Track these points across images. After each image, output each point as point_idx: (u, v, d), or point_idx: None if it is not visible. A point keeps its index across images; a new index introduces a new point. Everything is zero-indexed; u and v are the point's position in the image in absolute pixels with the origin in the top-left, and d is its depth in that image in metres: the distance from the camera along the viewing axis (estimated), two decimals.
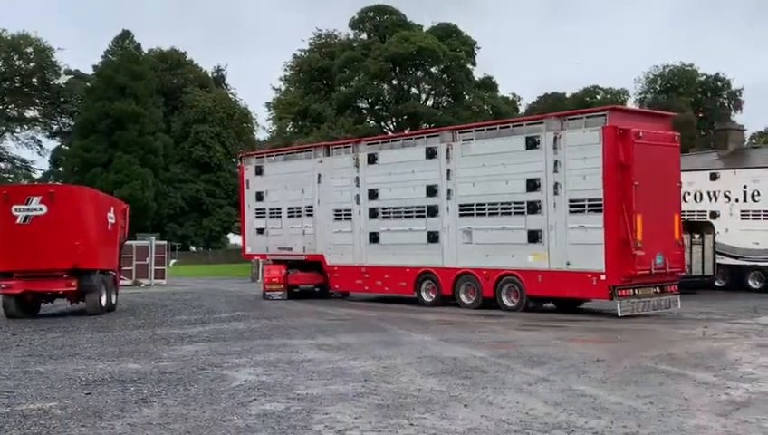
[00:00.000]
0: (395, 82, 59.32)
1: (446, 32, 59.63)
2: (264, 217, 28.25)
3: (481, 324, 18.31)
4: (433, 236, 23.09)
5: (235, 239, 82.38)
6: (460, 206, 22.39)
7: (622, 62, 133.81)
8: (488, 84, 62.18)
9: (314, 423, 8.57)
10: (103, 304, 22.42)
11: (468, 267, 22.24)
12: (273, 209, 27.99)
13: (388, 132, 55.16)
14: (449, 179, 22.67)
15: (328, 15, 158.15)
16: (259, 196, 28.41)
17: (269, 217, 28.10)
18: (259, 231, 28.44)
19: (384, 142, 26.10)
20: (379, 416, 8.87)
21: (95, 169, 68.09)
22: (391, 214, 24.25)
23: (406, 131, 49.22)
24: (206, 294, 31.76)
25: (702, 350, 14.07)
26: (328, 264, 26.31)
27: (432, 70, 58.75)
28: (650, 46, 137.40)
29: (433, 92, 61.24)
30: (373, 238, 24.77)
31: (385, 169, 24.46)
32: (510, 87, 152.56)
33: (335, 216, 25.94)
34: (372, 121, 59.51)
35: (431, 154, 23.14)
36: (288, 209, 27.44)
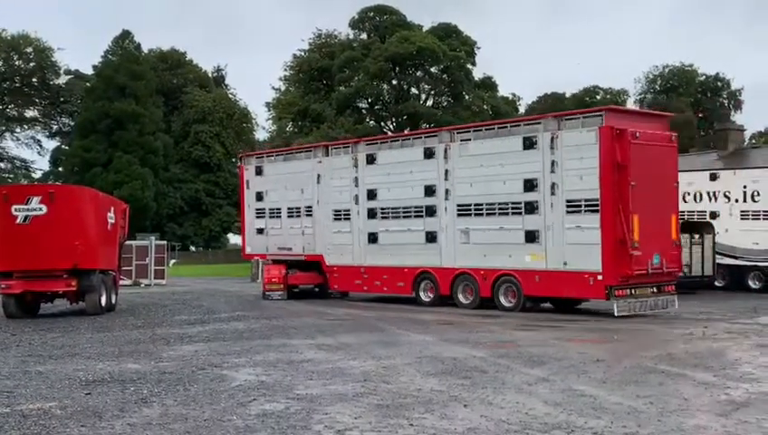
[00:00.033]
0: (395, 82, 59.31)
1: (445, 32, 59.62)
2: (264, 217, 28.27)
3: (480, 324, 18.31)
4: (431, 237, 23.09)
5: (235, 239, 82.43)
6: (458, 206, 22.39)
7: (622, 62, 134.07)
8: (488, 84, 62.18)
9: (314, 423, 8.57)
10: (103, 304, 22.43)
11: (466, 267, 22.25)
12: (272, 209, 28.02)
13: (388, 132, 55.14)
14: (447, 180, 22.67)
15: (328, 15, 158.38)
16: (259, 196, 28.43)
17: (269, 218, 28.13)
18: (259, 231, 28.47)
19: (383, 142, 26.10)
20: (378, 416, 8.86)
21: (95, 168, 68.11)
22: (390, 214, 24.25)
23: (406, 132, 49.19)
24: (205, 294, 31.76)
25: (702, 350, 14.07)
26: (327, 264, 26.31)
27: (432, 70, 58.74)
28: (650, 46, 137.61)
29: (433, 92, 61.23)
30: (372, 239, 24.77)
31: (383, 169, 24.47)
32: (510, 87, 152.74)
33: (334, 216, 25.95)
34: (372, 122, 59.50)
35: (429, 154, 23.15)
36: (288, 209, 27.46)
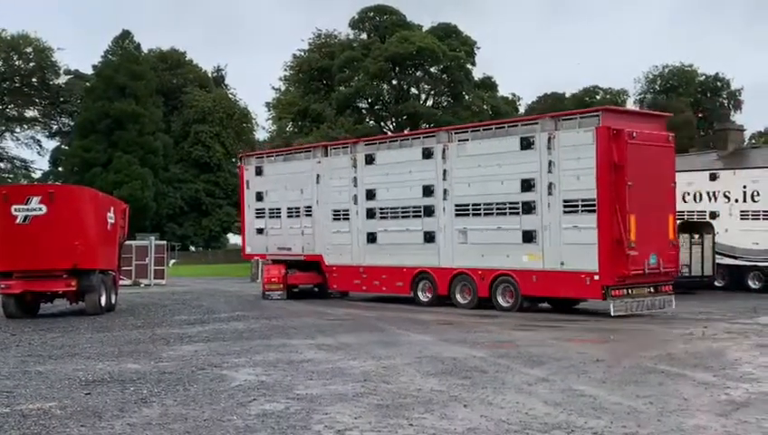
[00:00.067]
0: (395, 82, 59.30)
1: (445, 32, 59.61)
2: (264, 217, 28.28)
3: (479, 324, 18.31)
4: (429, 237, 23.11)
5: (235, 239, 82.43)
6: (456, 206, 22.41)
7: (622, 62, 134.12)
8: (488, 84, 62.16)
9: (314, 423, 8.57)
10: (103, 304, 22.41)
11: (464, 267, 22.26)
12: (272, 209, 28.03)
13: (388, 132, 55.13)
14: (445, 180, 22.69)
15: (328, 15, 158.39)
16: (259, 196, 28.45)
17: (268, 218, 28.14)
18: (259, 231, 28.48)
19: (381, 143, 26.11)
20: (378, 416, 8.86)
21: (95, 168, 68.10)
22: (388, 214, 24.27)
23: (406, 132, 49.19)
24: (205, 294, 31.76)
25: (701, 350, 14.07)
26: (326, 264, 26.32)
27: (432, 70, 58.72)
28: (650, 46, 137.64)
29: (433, 92, 61.21)
30: (371, 238, 24.79)
31: (382, 169, 24.49)
32: (510, 87, 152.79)
33: (333, 216, 25.97)
34: (372, 121, 59.49)
35: (428, 154, 23.16)
36: (287, 209, 27.47)
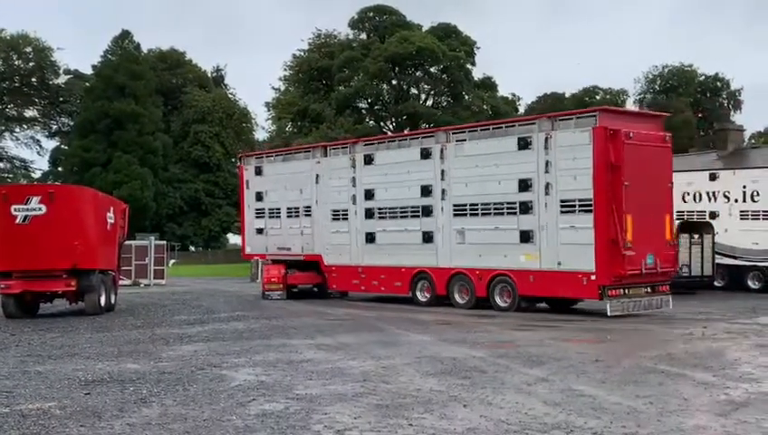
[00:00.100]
0: (394, 82, 59.31)
1: (445, 32, 59.62)
2: (264, 217, 28.29)
3: (478, 324, 18.31)
4: (428, 237, 23.13)
5: (235, 239, 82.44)
6: (454, 206, 22.42)
7: (622, 62, 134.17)
8: (488, 84, 62.17)
9: (313, 423, 8.57)
10: (102, 304, 22.40)
11: (462, 267, 22.26)
12: (272, 209, 28.04)
13: (388, 132, 55.14)
14: (443, 180, 22.70)
15: (328, 15, 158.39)
16: (258, 196, 28.45)
17: (268, 218, 28.15)
18: (258, 231, 28.49)
19: (380, 143, 26.11)
20: (378, 416, 8.86)
21: (94, 168, 68.10)
22: (387, 214, 24.29)
23: (406, 132, 49.20)
24: (205, 294, 31.76)
25: (701, 350, 14.07)
26: (325, 264, 26.33)
27: (431, 70, 58.74)
28: (650, 46, 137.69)
29: (432, 92, 61.23)
30: (369, 238, 24.81)
31: (381, 169, 24.51)
32: (510, 87, 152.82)
33: (332, 216, 25.98)
34: (372, 122, 59.51)
35: (426, 155, 23.18)
36: (287, 209, 27.48)
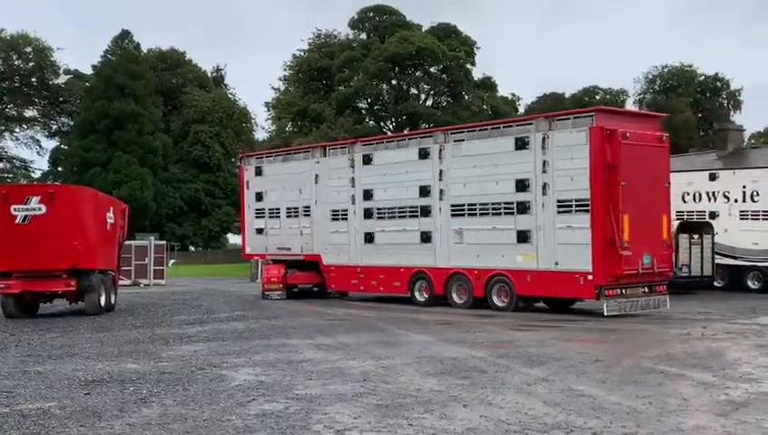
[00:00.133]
0: (394, 82, 59.32)
1: (445, 32, 59.63)
2: (264, 217, 28.31)
3: (478, 324, 18.31)
4: (426, 237, 23.15)
5: (234, 239, 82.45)
6: (452, 206, 22.45)
7: (622, 62, 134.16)
8: (487, 84, 62.18)
9: (313, 423, 8.56)
10: (102, 304, 22.39)
11: (460, 267, 22.29)
12: (272, 210, 28.06)
13: (388, 132, 55.16)
14: (441, 180, 22.72)
15: (328, 15, 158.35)
16: (258, 196, 28.48)
17: (268, 218, 28.17)
18: (258, 231, 28.52)
19: (379, 143, 26.12)
20: (378, 416, 8.86)
21: (94, 168, 68.10)
22: (386, 214, 24.32)
23: (405, 132, 49.20)
24: (205, 294, 31.76)
25: (701, 350, 14.07)
26: (325, 264, 26.35)
27: (431, 70, 58.75)
28: (650, 46, 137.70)
29: (432, 92, 61.23)
30: (368, 238, 24.85)
31: (380, 169, 24.54)
32: (510, 87, 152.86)
33: (332, 216, 26.01)
34: (371, 122, 59.52)
35: (424, 155, 23.20)
36: (286, 210, 27.50)
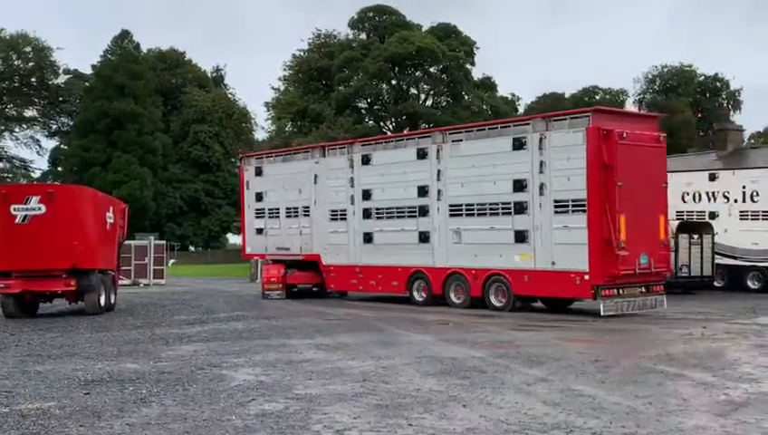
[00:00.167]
0: (394, 82, 59.29)
1: (445, 32, 59.59)
2: (264, 217, 28.34)
3: (477, 324, 18.32)
4: (424, 237, 23.19)
5: (234, 239, 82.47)
6: (450, 206, 22.48)
7: (622, 62, 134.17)
8: (487, 84, 62.14)
9: (313, 423, 8.56)
10: (102, 304, 22.40)
11: (458, 267, 22.31)
12: (271, 210, 28.09)
13: (388, 132, 55.14)
14: (439, 180, 22.75)
15: (328, 15, 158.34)
16: (258, 196, 28.51)
17: (268, 218, 28.20)
18: (258, 231, 28.55)
19: (377, 143, 26.16)
20: (377, 416, 8.86)
21: (94, 168, 68.08)
22: (384, 214, 24.35)
23: (405, 132, 49.20)
24: (204, 293, 31.76)
25: (700, 350, 14.07)
26: (324, 263, 26.38)
27: (431, 70, 58.70)
28: (650, 46, 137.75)
29: (432, 92, 61.19)
30: (367, 238, 24.88)
31: (378, 169, 24.57)
32: (510, 87, 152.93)
33: (331, 216, 26.04)
34: (371, 122, 59.49)
35: (422, 155, 23.23)
36: (286, 210, 27.53)
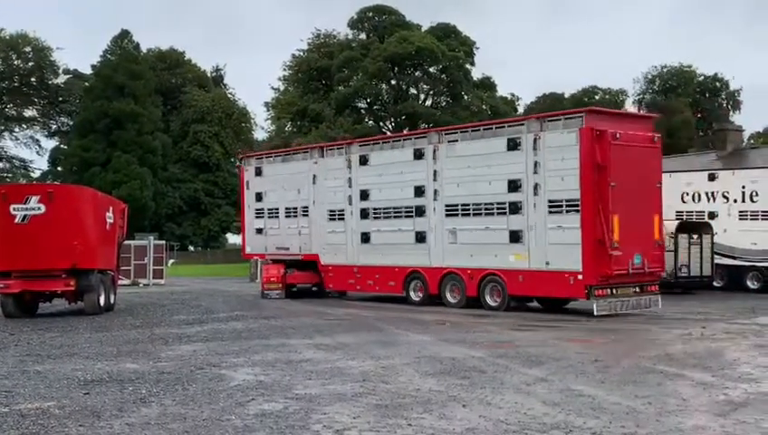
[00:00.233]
0: (393, 82, 59.33)
1: (444, 32, 59.63)
2: (263, 217, 28.39)
3: (477, 324, 18.32)
4: (420, 237, 23.24)
5: (234, 239, 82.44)
6: (446, 206, 22.53)
7: (622, 62, 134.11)
8: (487, 84, 62.19)
9: (312, 423, 8.56)
10: (102, 304, 22.38)
11: (453, 267, 22.36)
12: (271, 210, 28.14)
13: (387, 132, 55.17)
14: (436, 180, 22.80)
15: (327, 15, 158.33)
16: (258, 196, 28.56)
17: (267, 218, 28.26)
18: (258, 231, 28.60)
19: (375, 144, 26.19)
20: (377, 416, 8.86)
21: (94, 168, 68.05)
22: (381, 214, 24.41)
23: (405, 132, 49.21)
24: (204, 293, 31.75)
25: (700, 350, 14.07)
26: (322, 263, 26.43)
27: (431, 70, 58.77)
28: (650, 46, 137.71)
29: (431, 92, 61.23)
30: (365, 238, 24.93)
31: (376, 170, 24.63)
32: (510, 87, 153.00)
33: (329, 216, 26.10)
34: (371, 121, 59.52)
35: (419, 155, 23.28)
36: (285, 210, 27.59)
